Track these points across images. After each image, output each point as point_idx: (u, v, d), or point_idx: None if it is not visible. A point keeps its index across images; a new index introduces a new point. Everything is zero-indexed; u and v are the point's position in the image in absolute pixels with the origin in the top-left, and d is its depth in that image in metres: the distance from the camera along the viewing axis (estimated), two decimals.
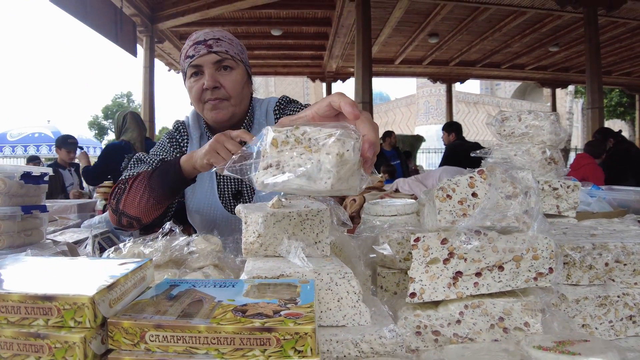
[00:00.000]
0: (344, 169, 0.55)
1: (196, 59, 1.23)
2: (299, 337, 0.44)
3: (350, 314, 0.66)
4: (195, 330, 0.45)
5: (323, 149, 0.54)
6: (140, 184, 1.17)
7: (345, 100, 0.62)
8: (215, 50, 1.23)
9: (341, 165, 0.55)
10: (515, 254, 0.71)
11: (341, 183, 0.56)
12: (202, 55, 1.23)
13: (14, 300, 0.48)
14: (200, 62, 1.23)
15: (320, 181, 0.54)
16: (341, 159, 0.54)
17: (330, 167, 0.54)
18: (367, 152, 0.60)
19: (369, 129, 0.61)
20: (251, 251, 0.75)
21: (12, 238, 1.58)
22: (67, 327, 0.47)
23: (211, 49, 1.23)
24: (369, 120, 0.63)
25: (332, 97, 0.65)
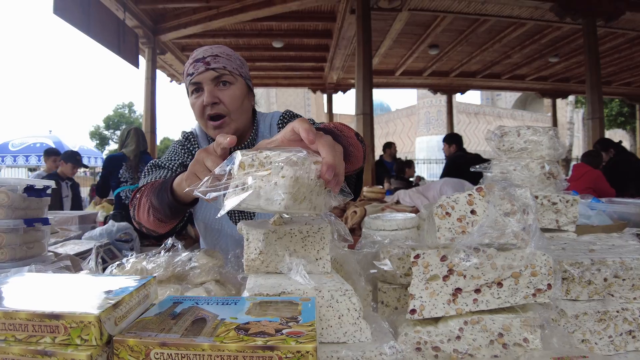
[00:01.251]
0: (300, 190, 0.58)
1: (195, 77, 1.26)
2: (300, 355, 0.45)
3: (351, 330, 0.67)
4: (200, 348, 0.46)
5: (280, 171, 0.57)
6: (146, 200, 1.15)
7: (303, 126, 0.66)
8: (213, 67, 1.25)
9: (296, 187, 0.58)
10: (513, 270, 0.72)
11: (300, 203, 0.59)
12: (201, 72, 1.25)
13: (21, 318, 0.49)
14: (199, 79, 1.26)
15: (275, 202, 0.57)
16: (295, 181, 0.57)
17: (284, 190, 0.57)
18: (325, 174, 0.62)
19: (327, 152, 0.64)
20: (252, 267, 0.76)
21: (14, 251, 1.59)
22: (74, 345, 0.48)
23: (209, 66, 1.25)
24: (328, 143, 0.66)
25: (294, 122, 0.68)
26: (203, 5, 7.19)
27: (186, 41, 9.06)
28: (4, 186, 1.60)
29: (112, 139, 36.88)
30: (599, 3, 6.60)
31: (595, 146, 5.41)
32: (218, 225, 1.41)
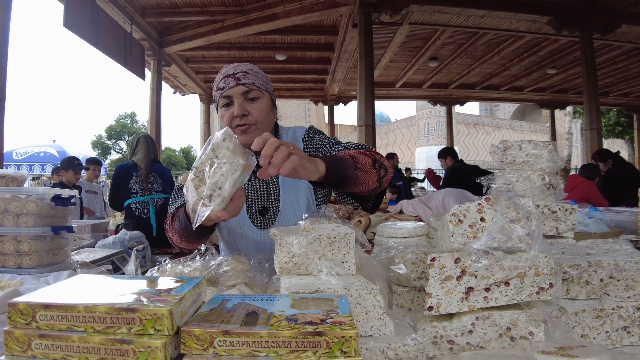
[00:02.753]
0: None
1: (226, 91, 1.38)
2: (344, 340, 0.53)
3: (377, 325, 0.75)
4: (258, 335, 0.54)
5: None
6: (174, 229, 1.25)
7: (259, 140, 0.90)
8: (243, 82, 1.37)
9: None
10: (519, 271, 0.81)
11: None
12: (232, 87, 1.37)
13: (100, 312, 0.58)
14: (230, 93, 1.38)
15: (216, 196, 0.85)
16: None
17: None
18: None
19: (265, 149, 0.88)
20: (285, 270, 0.85)
21: (41, 257, 1.68)
22: (148, 335, 0.56)
23: (239, 82, 1.37)
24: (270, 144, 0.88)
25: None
26: (208, 18, 7.36)
27: (191, 53, 9.23)
28: (33, 195, 1.70)
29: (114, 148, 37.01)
30: (595, 17, 6.76)
31: (594, 157, 5.51)
32: (240, 230, 1.50)
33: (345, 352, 0.53)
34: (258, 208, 1.50)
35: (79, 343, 0.57)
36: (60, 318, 0.58)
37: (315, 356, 0.53)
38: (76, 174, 5.19)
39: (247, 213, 1.50)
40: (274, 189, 1.51)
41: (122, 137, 36.99)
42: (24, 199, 1.67)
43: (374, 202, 1.39)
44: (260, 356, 0.54)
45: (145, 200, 3.75)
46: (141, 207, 3.78)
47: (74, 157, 5.46)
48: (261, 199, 1.51)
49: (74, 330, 0.58)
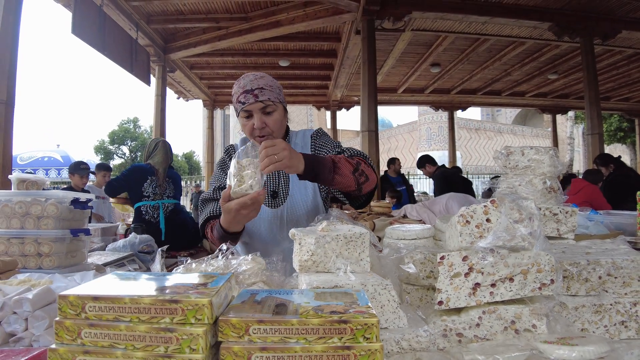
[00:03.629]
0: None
1: (246, 106, 1.57)
2: (367, 327, 0.60)
3: (392, 318, 0.82)
4: (289, 323, 0.61)
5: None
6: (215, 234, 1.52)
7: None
8: (261, 99, 1.56)
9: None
10: (522, 268, 0.87)
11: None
12: (251, 103, 1.56)
13: (145, 303, 0.64)
14: (250, 108, 1.58)
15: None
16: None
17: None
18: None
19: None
20: (304, 267, 0.91)
21: (60, 259, 1.74)
22: (189, 324, 0.63)
23: (257, 99, 1.56)
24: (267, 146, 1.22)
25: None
26: (212, 25, 7.45)
27: (195, 59, 9.33)
28: (53, 199, 1.76)
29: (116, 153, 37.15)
30: (595, 23, 6.83)
31: (596, 161, 5.57)
32: (257, 230, 1.70)
33: (367, 338, 0.60)
34: (270, 192, 1.73)
35: (126, 331, 0.63)
36: (107, 309, 0.64)
37: (340, 342, 0.60)
38: (82, 178, 5.25)
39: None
40: (284, 176, 1.74)
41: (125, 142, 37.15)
42: (44, 202, 1.74)
43: (361, 202, 1.61)
44: (291, 342, 0.61)
45: (156, 205, 3.81)
46: (151, 211, 3.83)
47: (81, 162, 5.54)
48: (273, 184, 1.74)
49: (120, 320, 0.64)
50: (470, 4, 6.36)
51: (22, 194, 1.78)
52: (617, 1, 6.43)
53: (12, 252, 1.69)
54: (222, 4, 6.93)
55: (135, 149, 35.97)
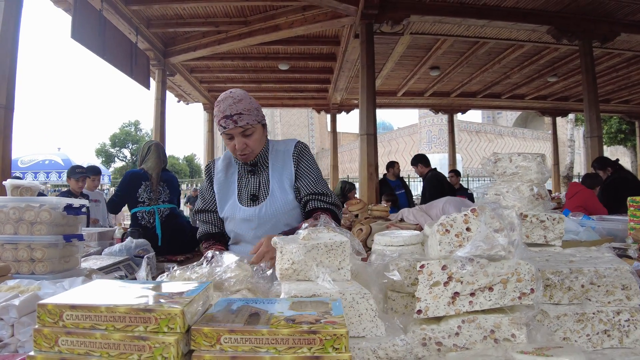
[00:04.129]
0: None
1: (227, 130, 1.73)
2: (336, 337, 0.60)
3: (369, 326, 0.82)
4: (260, 333, 0.61)
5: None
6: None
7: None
8: (240, 124, 1.71)
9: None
10: (502, 277, 0.87)
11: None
12: (231, 128, 1.72)
13: (120, 312, 0.65)
14: (230, 132, 1.74)
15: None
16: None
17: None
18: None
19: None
20: (286, 276, 0.92)
21: (53, 264, 1.75)
22: (162, 332, 0.63)
23: (237, 124, 1.71)
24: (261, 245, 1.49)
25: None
26: (212, 29, 7.48)
27: (195, 63, 9.35)
28: (46, 204, 1.77)
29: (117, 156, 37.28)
30: (594, 26, 6.83)
31: (593, 165, 5.56)
32: (234, 214, 1.87)
33: (336, 349, 0.60)
34: (249, 196, 1.87)
35: (101, 339, 0.64)
36: (84, 317, 0.65)
37: (310, 352, 0.60)
38: (78, 181, 5.24)
39: (238, 200, 1.87)
40: (265, 182, 1.87)
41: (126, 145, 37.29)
42: (38, 208, 1.75)
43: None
44: (261, 352, 0.61)
45: (151, 210, 3.81)
46: (147, 217, 3.83)
47: (77, 166, 5.55)
48: (253, 190, 1.88)
49: (96, 328, 0.65)
50: (469, 8, 6.36)
51: (16, 200, 1.79)
52: (615, 4, 6.43)
53: (5, 258, 1.70)
54: (222, 9, 6.95)
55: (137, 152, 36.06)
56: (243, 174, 1.92)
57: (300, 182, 1.84)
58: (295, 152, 1.90)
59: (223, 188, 1.93)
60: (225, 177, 1.94)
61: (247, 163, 1.86)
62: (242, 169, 1.92)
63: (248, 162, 1.86)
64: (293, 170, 1.86)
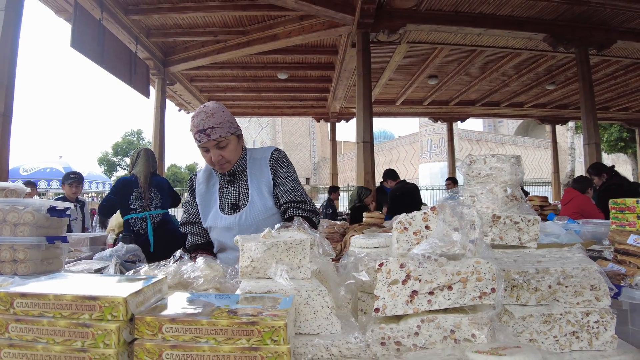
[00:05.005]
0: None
1: (202, 144, 1.79)
2: (274, 329, 0.60)
3: (324, 324, 0.82)
4: (199, 323, 0.61)
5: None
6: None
7: None
8: (213, 138, 1.77)
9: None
10: (462, 276, 0.87)
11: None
12: (205, 142, 1.78)
13: (67, 300, 0.65)
14: (205, 145, 1.80)
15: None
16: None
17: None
18: None
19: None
20: (246, 274, 0.92)
21: (35, 265, 1.76)
22: (106, 320, 0.64)
23: (210, 138, 1.76)
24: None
25: None
26: (211, 39, 7.55)
27: (195, 72, 9.43)
28: (29, 206, 1.78)
29: (120, 165, 37.44)
30: (590, 33, 6.85)
31: (589, 171, 5.55)
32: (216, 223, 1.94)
33: (275, 340, 0.60)
34: (230, 205, 1.93)
35: (48, 326, 0.65)
36: (33, 305, 0.66)
37: (248, 343, 0.60)
38: (71, 187, 5.24)
39: (219, 209, 1.93)
40: (244, 190, 1.92)
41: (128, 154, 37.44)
42: (22, 210, 1.76)
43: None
44: (201, 342, 0.61)
45: (144, 217, 3.82)
46: (139, 223, 3.84)
47: (71, 172, 5.57)
48: (233, 199, 1.93)
49: (44, 315, 0.66)
50: (464, 16, 6.41)
51: (0, 202, 1.80)
52: (611, 11, 6.46)
53: None
54: (220, 18, 7.03)
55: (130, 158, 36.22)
56: (223, 184, 1.97)
57: (279, 190, 1.89)
58: (272, 160, 1.95)
59: (205, 199, 1.98)
60: (207, 188, 2.00)
61: (226, 173, 1.91)
62: (222, 179, 1.97)
63: (226, 172, 1.91)
64: (270, 177, 1.91)
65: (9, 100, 4.38)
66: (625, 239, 1.56)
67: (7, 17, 4.45)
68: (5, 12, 4.45)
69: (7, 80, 4.38)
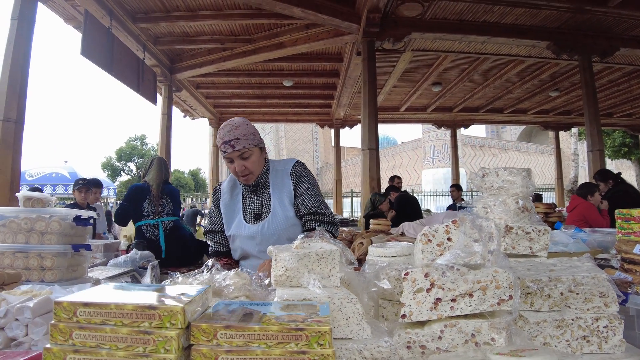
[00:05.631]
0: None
1: (227, 154, 1.90)
2: (320, 334, 0.67)
3: (356, 329, 0.88)
4: (252, 329, 0.68)
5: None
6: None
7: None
8: (237, 149, 1.88)
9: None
10: (481, 284, 0.93)
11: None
12: (230, 152, 1.89)
13: (128, 309, 0.72)
14: (230, 156, 1.91)
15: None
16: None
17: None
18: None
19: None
20: (279, 282, 0.99)
21: (62, 272, 1.83)
22: (165, 327, 0.70)
23: (234, 149, 1.87)
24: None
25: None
26: (218, 46, 7.66)
27: (201, 79, 9.54)
28: (56, 215, 1.86)
29: (123, 170, 37.58)
30: (593, 41, 6.92)
31: (595, 177, 5.61)
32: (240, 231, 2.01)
33: (321, 344, 0.67)
34: (253, 215, 2.02)
35: (110, 333, 0.71)
36: (95, 314, 0.73)
37: (297, 347, 0.67)
38: (80, 193, 5.32)
39: (243, 219, 2.01)
40: (267, 201, 2.01)
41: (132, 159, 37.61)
42: (48, 218, 1.84)
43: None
44: (253, 346, 0.68)
45: (156, 223, 3.89)
46: (152, 230, 3.91)
47: (80, 178, 5.64)
48: (256, 209, 2.02)
49: (106, 323, 0.72)
50: (469, 24, 6.49)
51: (27, 211, 1.88)
52: (613, 20, 6.53)
53: (16, 266, 1.79)
54: (227, 26, 7.13)
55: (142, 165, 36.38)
56: (247, 194, 2.06)
57: (300, 201, 1.97)
58: (293, 171, 2.03)
59: (229, 208, 2.07)
60: (231, 198, 2.09)
61: (249, 185, 2.00)
62: (245, 190, 2.06)
63: (250, 184, 2.01)
64: (292, 188, 1.99)
65: (21, 107, 4.48)
66: (632, 248, 1.62)
67: (20, 26, 4.55)
68: (18, 21, 4.55)
69: (20, 89, 4.47)
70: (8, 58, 4.40)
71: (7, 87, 4.32)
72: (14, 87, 4.39)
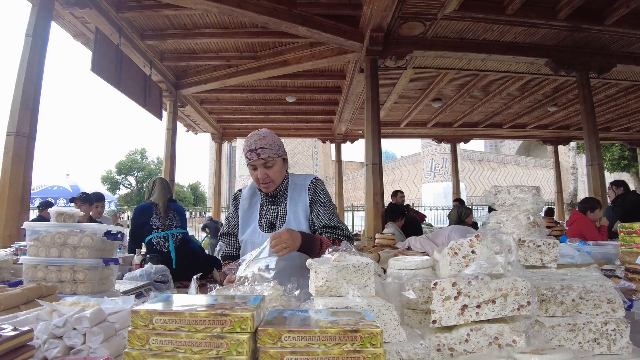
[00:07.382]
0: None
1: (252, 162, 1.99)
2: (373, 335, 0.77)
3: (393, 334, 0.99)
4: (313, 332, 0.78)
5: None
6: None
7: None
8: (262, 157, 1.97)
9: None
10: (503, 292, 1.04)
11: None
12: (255, 160, 1.98)
13: (201, 316, 0.82)
14: (254, 163, 2.00)
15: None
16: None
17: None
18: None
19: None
20: (320, 292, 1.09)
21: (93, 285, 1.93)
22: (236, 332, 0.80)
23: (259, 157, 1.97)
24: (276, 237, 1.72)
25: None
26: (223, 63, 7.83)
27: (205, 95, 9.71)
28: (88, 230, 1.96)
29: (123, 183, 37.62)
30: (590, 58, 7.11)
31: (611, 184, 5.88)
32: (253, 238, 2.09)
33: (373, 344, 0.77)
34: (267, 224, 2.11)
35: (185, 339, 0.81)
36: (171, 321, 0.83)
37: (352, 347, 0.77)
38: (81, 207, 5.40)
39: (259, 226, 2.10)
40: (283, 212, 2.10)
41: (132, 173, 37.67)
42: (80, 233, 1.94)
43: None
44: (314, 347, 0.78)
45: (165, 235, 4.00)
46: (162, 242, 4.01)
47: (82, 193, 5.73)
48: (272, 218, 2.11)
49: (181, 330, 0.82)
50: (469, 43, 6.67)
51: (60, 226, 1.98)
52: (610, 37, 6.72)
53: (50, 279, 1.88)
54: (233, 44, 7.31)
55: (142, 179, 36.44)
56: (265, 203, 2.15)
57: (315, 215, 2.07)
58: (312, 186, 2.13)
59: (246, 214, 2.16)
60: (249, 205, 2.18)
61: (268, 194, 2.10)
62: (264, 199, 2.15)
63: (269, 194, 2.10)
64: (308, 203, 2.09)
65: (33, 123, 4.57)
66: (634, 259, 1.74)
67: (34, 44, 4.68)
68: (32, 39, 4.69)
69: (32, 104, 4.58)
70: (22, 74, 4.51)
71: (21, 102, 4.41)
72: (27, 102, 4.49)
